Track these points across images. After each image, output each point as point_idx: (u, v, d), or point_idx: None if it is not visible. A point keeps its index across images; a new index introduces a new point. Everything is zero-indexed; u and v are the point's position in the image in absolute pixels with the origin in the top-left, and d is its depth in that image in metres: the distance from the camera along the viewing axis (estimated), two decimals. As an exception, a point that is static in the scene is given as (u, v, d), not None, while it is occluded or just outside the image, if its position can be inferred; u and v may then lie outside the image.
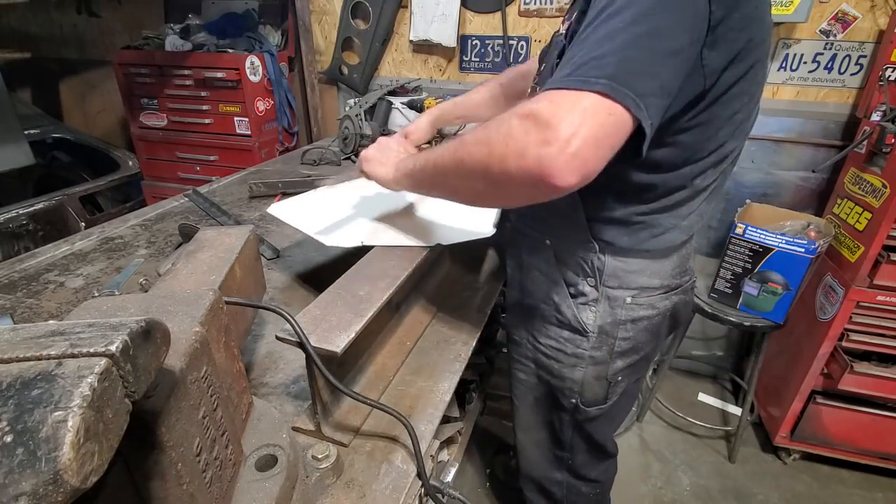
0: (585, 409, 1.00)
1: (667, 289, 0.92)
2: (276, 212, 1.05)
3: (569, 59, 0.62)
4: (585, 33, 0.63)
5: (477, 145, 0.65)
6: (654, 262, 0.89)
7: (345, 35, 2.32)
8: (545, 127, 0.57)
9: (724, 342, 2.38)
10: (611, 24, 0.60)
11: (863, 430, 1.79)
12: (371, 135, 1.88)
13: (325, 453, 0.61)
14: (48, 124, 2.85)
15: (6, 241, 2.01)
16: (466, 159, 0.67)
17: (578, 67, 0.59)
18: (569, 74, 0.59)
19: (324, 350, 0.60)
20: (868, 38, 1.72)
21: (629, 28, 0.60)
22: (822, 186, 1.94)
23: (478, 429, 2.03)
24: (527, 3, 2.03)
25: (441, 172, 0.74)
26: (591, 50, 0.60)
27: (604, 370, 0.96)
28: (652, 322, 0.93)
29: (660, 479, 1.90)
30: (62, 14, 2.95)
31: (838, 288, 1.67)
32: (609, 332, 0.92)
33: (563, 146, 0.56)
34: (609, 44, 0.60)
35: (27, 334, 0.33)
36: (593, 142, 0.58)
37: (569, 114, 0.57)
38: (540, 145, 0.57)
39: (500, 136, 0.61)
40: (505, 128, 0.61)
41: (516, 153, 0.59)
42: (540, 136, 0.57)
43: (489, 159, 0.63)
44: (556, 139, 0.56)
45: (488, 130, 0.64)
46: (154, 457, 0.41)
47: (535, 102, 0.60)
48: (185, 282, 0.65)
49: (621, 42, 0.59)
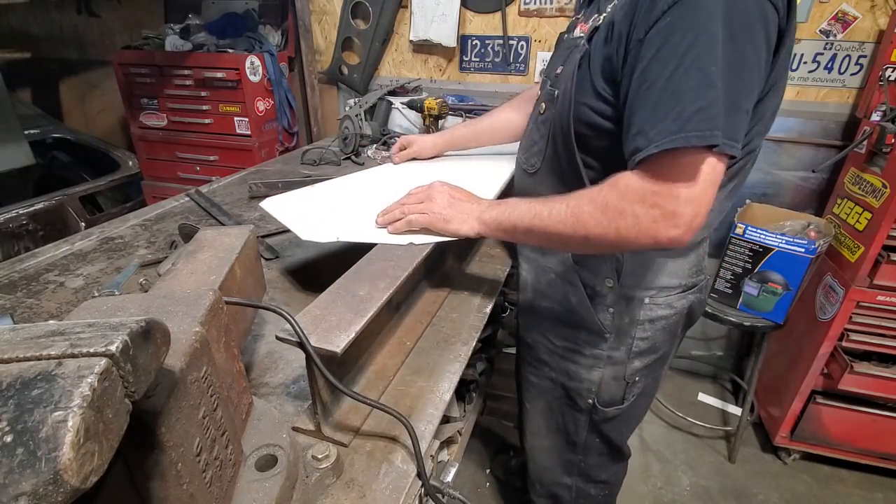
0: (603, 409, 1.00)
1: (684, 288, 0.92)
2: (269, 207, 1.06)
3: (659, 104, 0.64)
4: (666, 75, 0.64)
5: (601, 227, 0.71)
6: (674, 260, 0.89)
7: (345, 35, 2.32)
8: (671, 216, 0.66)
9: (724, 342, 2.38)
10: (702, 66, 0.61)
11: (863, 430, 1.79)
12: (371, 135, 1.88)
13: (325, 453, 0.61)
14: (48, 124, 2.85)
15: (6, 241, 2.01)
16: (592, 238, 0.73)
17: (688, 121, 0.62)
18: (680, 129, 0.62)
19: (324, 350, 0.60)
20: (868, 38, 1.72)
21: (724, 70, 0.61)
22: (822, 186, 1.94)
23: (478, 429, 2.03)
24: (527, 3, 2.03)
25: (556, 241, 0.79)
26: (694, 99, 0.62)
27: (621, 370, 0.96)
28: (669, 322, 0.93)
29: (660, 479, 1.90)
30: (62, 14, 2.95)
31: (838, 288, 1.67)
32: (627, 332, 0.92)
33: (689, 225, 0.65)
34: (711, 92, 0.61)
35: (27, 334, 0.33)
36: (709, 206, 0.66)
37: (690, 202, 0.64)
38: (669, 229, 0.66)
39: (629, 223, 0.68)
40: (630, 215, 0.68)
41: (648, 237, 0.68)
42: (668, 223, 0.66)
43: (619, 241, 0.70)
44: (682, 223, 0.65)
45: (608, 214, 0.70)
46: (154, 457, 0.41)
47: (655, 187, 0.65)
48: (185, 282, 0.65)
49: (722, 87, 0.62)
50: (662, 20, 0.64)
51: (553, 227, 0.77)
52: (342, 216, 1.02)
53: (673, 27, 0.63)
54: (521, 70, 2.16)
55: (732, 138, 0.63)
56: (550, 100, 0.87)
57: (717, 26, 0.61)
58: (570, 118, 0.80)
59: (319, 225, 0.96)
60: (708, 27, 0.61)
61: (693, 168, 0.64)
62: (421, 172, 1.31)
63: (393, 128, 2.01)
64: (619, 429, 1.06)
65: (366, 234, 0.92)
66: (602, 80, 0.74)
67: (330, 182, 1.23)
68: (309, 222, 0.97)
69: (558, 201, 0.77)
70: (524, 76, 2.17)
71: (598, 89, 0.75)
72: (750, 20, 0.63)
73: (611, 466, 1.15)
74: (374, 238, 0.90)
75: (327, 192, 1.17)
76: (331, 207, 1.07)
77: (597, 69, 0.75)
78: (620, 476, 1.22)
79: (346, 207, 1.07)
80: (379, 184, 1.23)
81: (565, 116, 0.81)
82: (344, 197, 1.14)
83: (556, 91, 0.85)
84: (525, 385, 1.13)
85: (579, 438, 1.08)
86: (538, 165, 0.93)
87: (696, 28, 0.62)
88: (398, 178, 1.27)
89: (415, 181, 1.20)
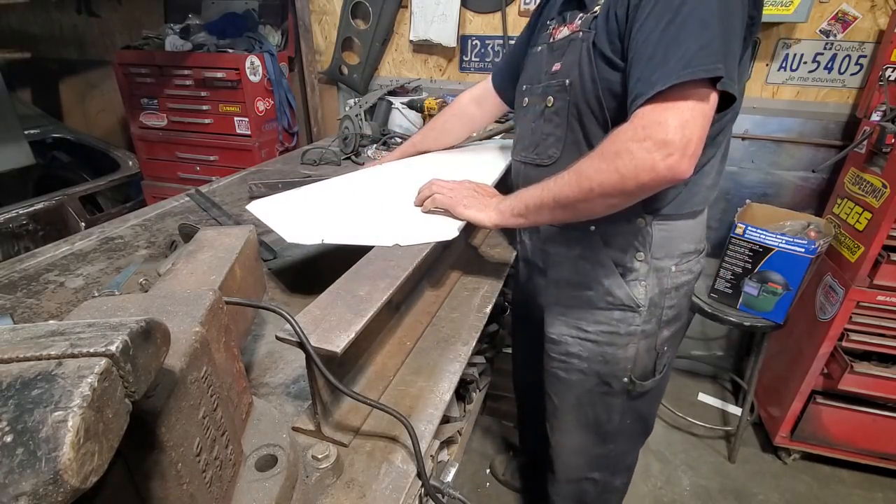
0: (641, 383, 1.03)
1: (698, 252, 0.99)
2: (255, 209, 1.07)
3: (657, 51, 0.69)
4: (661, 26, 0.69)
5: (603, 173, 0.75)
6: (689, 224, 0.94)
7: (345, 35, 2.32)
8: (663, 144, 0.68)
9: (724, 342, 2.38)
10: (699, 12, 0.68)
11: (863, 430, 1.79)
12: (371, 135, 1.88)
13: (325, 453, 0.61)
14: (48, 124, 2.85)
15: (6, 241, 2.01)
16: (596, 187, 0.76)
17: (692, 58, 0.67)
18: (686, 66, 0.67)
19: (324, 350, 0.60)
20: (868, 38, 1.72)
21: (718, 12, 0.68)
22: (822, 186, 1.94)
23: (478, 429, 2.03)
24: (527, 3, 2.03)
25: (568, 204, 0.82)
26: (694, 40, 0.67)
27: (653, 342, 1.00)
28: (690, 287, 1.00)
29: (660, 479, 1.90)
30: (62, 14, 2.95)
31: (838, 288, 1.67)
32: (657, 303, 0.97)
33: (682, 151, 0.68)
34: (709, 31, 0.67)
35: (27, 334, 0.33)
36: (701, 134, 0.69)
37: (679, 128, 0.67)
38: (665, 158, 0.68)
39: (625, 160, 0.71)
40: (625, 153, 0.71)
41: (647, 169, 0.70)
42: (662, 152, 0.68)
43: (623, 181, 0.73)
44: (675, 149, 0.68)
45: (605, 158, 0.74)
46: (154, 457, 0.41)
47: (643, 124, 0.70)
48: (185, 282, 0.65)
49: (719, 28, 0.67)
50: None
51: (561, 192, 0.81)
52: (327, 217, 1.03)
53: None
54: (521, 70, 2.16)
55: (730, 77, 0.68)
56: (561, 90, 0.90)
57: None
58: (597, 95, 0.84)
59: (304, 227, 0.96)
60: None
61: (680, 99, 0.68)
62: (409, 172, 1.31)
63: (393, 128, 2.01)
64: (650, 403, 1.11)
65: (350, 235, 0.93)
66: (611, 52, 0.80)
67: (317, 184, 1.24)
68: (294, 224, 0.98)
69: (564, 171, 0.81)
70: (524, 76, 2.17)
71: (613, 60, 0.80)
72: None
73: (637, 448, 1.20)
74: (357, 239, 0.90)
75: (314, 193, 1.18)
76: (316, 209, 1.08)
77: (605, 45, 0.81)
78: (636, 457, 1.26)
79: (332, 209, 1.08)
80: (365, 185, 1.23)
81: (591, 95, 0.85)
82: (330, 199, 1.15)
83: (566, 80, 0.88)
84: (551, 381, 1.13)
85: (612, 426, 1.10)
86: (557, 155, 0.95)
87: None
88: (385, 180, 1.28)
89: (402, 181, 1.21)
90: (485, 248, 1.27)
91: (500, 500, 1.82)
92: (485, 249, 1.26)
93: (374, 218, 1.02)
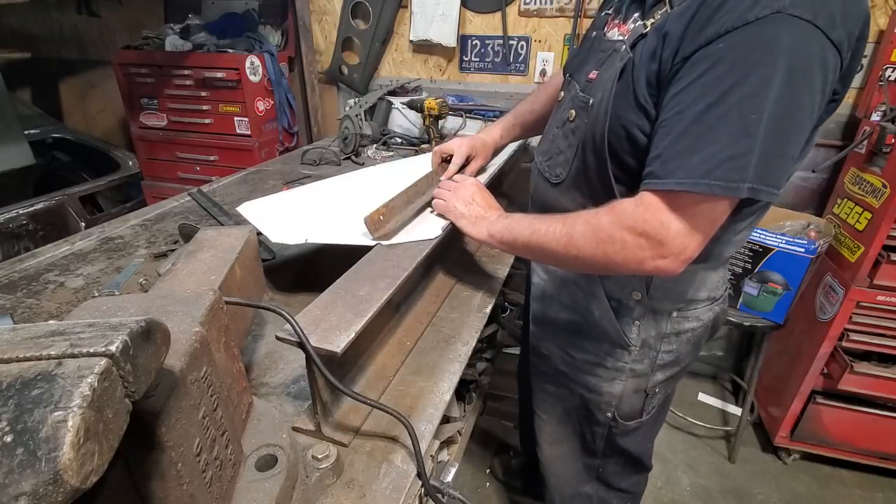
0: (624, 422, 0.98)
1: (712, 300, 0.90)
2: (245, 210, 1.08)
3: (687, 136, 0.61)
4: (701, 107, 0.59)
5: (590, 248, 0.71)
6: (707, 274, 0.86)
7: (345, 35, 2.32)
8: (658, 246, 0.64)
9: (724, 342, 2.38)
10: (743, 111, 0.57)
11: (863, 430, 1.79)
12: (371, 135, 1.88)
13: (325, 453, 0.61)
14: (48, 124, 2.85)
15: (6, 241, 2.01)
16: (581, 257, 0.73)
17: (716, 167, 0.59)
18: (706, 174, 0.59)
19: (324, 350, 0.60)
20: (868, 38, 1.71)
21: (768, 119, 0.57)
22: (822, 186, 1.94)
23: (478, 429, 2.03)
24: (527, 3, 2.03)
25: (551, 258, 0.80)
26: (726, 146, 0.58)
27: (643, 383, 0.94)
28: (695, 334, 0.91)
29: (660, 479, 1.90)
30: (62, 14, 2.95)
31: (838, 288, 1.67)
32: (652, 345, 0.90)
33: (677, 256, 0.64)
34: (746, 141, 0.58)
35: (27, 334, 0.33)
36: (703, 241, 0.64)
37: (680, 235, 0.63)
38: (656, 259, 0.65)
39: (616, 248, 0.68)
40: (619, 241, 0.67)
41: (635, 262, 0.67)
42: (655, 252, 0.65)
43: (607, 264, 0.70)
44: (669, 254, 0.64)
45: (598, 237, 0.70)
46: (154, 457, 0.41)
47: (647, 214, 0.64)
48: (185, 282, 0.65)
49: (761, 136, 0.57)
50: (715, 44, 0.58)
51: (547, 245, 0.77)
52: (313, 218, 1.04)
53: (723, 56, 0.58)
54: (521, 70, 2.16)
55: (772, 185, 0.60)
56: (583, 108, 0.80)
57: (773, 70, 0.56)
58: (605, 131, 0.74)
59: (289, 227, 0.98)
60: (762, 69, 0.56)
61: (693, 206, 0.62)
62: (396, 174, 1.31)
63: (393, 128, 2.01)
64: (637, 441, 1.04)
65: (333, 235, 0.94)
66: (646, 93, 0.68)
67: (307, 186, 1.26)
68: (280, 225, 0.99)
69: (558, 220, 0.77)
70: (524, 76, 2.17)
71: (641, 102, 0.69)
72: (811, 64, 0.57)
73: (631, 477, 1.13)
74: (340, 239, 0.91)
75: (303, 195, 1.19)
76: (304, 210, 1.10)
77: (641, 81, 0.68)
78: (642, 486, 1.19)
79: (319, 210, 1.10)
80: (353, 187, 1.24)
81: (600, 129, 0.75)
82: (318, 200, 1.16)
83: (590, 100, 0.78)
84: (539, 395, 1.10)
85: (597, 447, 1.06)
86: (563, 176, 0.88)
87: (749, 66, 0.57)
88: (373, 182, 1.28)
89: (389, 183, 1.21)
90: (485, 248, 1.27)
91: (500, 500, 1.81)
92: (486, 249, 1.26)
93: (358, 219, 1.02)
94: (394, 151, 1.86)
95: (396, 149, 1.88)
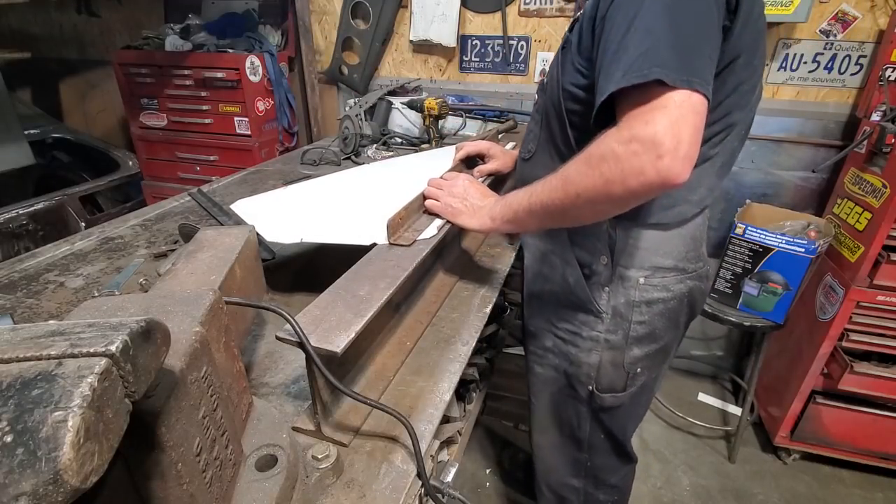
0: (601, 395, 1.00)
1: (681, 272, 0.92)
2: (239, 208, 1.08)
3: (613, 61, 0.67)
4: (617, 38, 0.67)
5: (587, 177, 0.70)
6: (665, 237, 0.89)
7: (345, 35, 2.32)
8: (651, 145, 0.62)
9: (724, 342, 2.38)
10: (646, 23, 0.65)
11: (863, 430, 1.79)
12: (371, 135, 1.88)
13: (325, 453, 0.61)
14: (48, 124, 2.85)
15: (6, 241, 2.01)
16: (582, 192, 0.71)
17: (631, 65, 0.64)
18: (625, 74, 0.64)
19: (324, 350, 0.60)
20: (868, 38, 1.72)
21: (664, 16, 0.65)
22: (822, 186, 1.94)
23: (478, 429, 2.03)
24: (527, 3, 2.03)
25: (556, 211, 0.78)
26: (636, 47, 0.65)
27: (619, 356, 0.97)
28: (668, 307, 0.94)
29: (660, 479, 1.90)
30: (62, 14, 2.95)
31: (838, 288, 1.67)
32: (623, 314, 0.93)
33: (674, 154, 0.62)
34: (650, 38, 0.64)
35: (27, 334, 0.33)
36: (693, 134, 0.63)
37: (669, 126, 0.62)
38: (655, 161, 0.63)
39: (611, 164, 0.66)
40: (611, 156, 0.66)
41: (635, 173, 0.64)
42: (651, 153, 0.63)
43: (608, 186, 0.68)
44: (666, 151, 0.62)
45: (591, 162, 0.69)
46: (154, 457, 0.41)
47: (629, 124, 0.65)
48: (185, 282, 0.65)
49: (663, 32, 0.64)
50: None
51: (548, 198, 0.77)
52: (308, 217, 1.04)
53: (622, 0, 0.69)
54: (521, 70, 2.16)
55: (695, 75, 0.63)
56: (541, 89, 0.95)
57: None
58: (558, 97, 0.86)
59: (285, 226, 0.97)
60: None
61: (664, 98, 0.63)
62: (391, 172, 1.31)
63: (393, 128, 2.01)
64: (620, 422, 1.07)
65: (328, 234, 0.93)
66: (579, 57, 0.80)
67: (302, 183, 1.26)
68: (276, 224, 0.98)
69: (551, 175, 0.78)
70: (524, 76, 2.17)
71: (577, 66, 0.81)
72: None
73: (618, 469, 1.15)
74: (335, 238, 0.91)
75: (299, 193, 1.19)
76: (299, 208, 1.09)
77: (574, 51, 0.81)
78: (629, 482, 1.22)
79: (314, 208, 1.09)
80: (348, 185, 1.24)
81: (554, 97, 0.87)
82: (314, 198, 1.16)
83: (544, 80, 0.93)
84: (531, 377, 1.13)
85: (583, 433, 1.08)
86: (533, 150, 0.98)
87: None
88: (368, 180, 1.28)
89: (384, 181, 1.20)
90: (485, 247, 1.27)
91: (500, 500, 1.82)
92: (485, 249, 1.26)
93: (354, 217, 1.02)
94: (394, 151, 1.86)
95: (396, 149, 1.88)
